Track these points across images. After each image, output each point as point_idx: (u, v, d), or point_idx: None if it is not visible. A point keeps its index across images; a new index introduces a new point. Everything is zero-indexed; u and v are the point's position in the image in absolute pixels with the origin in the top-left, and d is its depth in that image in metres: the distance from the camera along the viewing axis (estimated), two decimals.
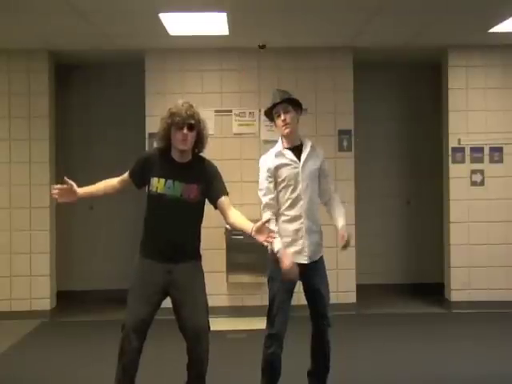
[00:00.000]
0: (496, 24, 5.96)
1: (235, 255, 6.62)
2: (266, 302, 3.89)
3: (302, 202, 3.87)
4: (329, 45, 6.79)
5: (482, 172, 6.93)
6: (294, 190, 3.88)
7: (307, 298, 3.95)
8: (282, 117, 3.89)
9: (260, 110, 6.87)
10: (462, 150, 6.94)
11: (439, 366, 4.97)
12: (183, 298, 3.55)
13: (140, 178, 3.66)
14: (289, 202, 3.89)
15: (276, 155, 3.94)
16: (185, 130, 3.52)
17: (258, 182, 4.00)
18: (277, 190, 3.90)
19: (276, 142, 4.06)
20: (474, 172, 6.94)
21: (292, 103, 3.93)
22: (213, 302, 3.79)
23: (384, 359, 4.29)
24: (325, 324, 3.90)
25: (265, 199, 3.90)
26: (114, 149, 7.68)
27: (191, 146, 3.61)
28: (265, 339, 3.88)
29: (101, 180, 3.82)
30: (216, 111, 6.86)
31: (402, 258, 7.98)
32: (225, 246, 6.66)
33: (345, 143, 6.91)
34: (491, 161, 6.94)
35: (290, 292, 3.88)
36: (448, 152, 6.99)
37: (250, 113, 6.89)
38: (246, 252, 6.57)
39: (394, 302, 7.16)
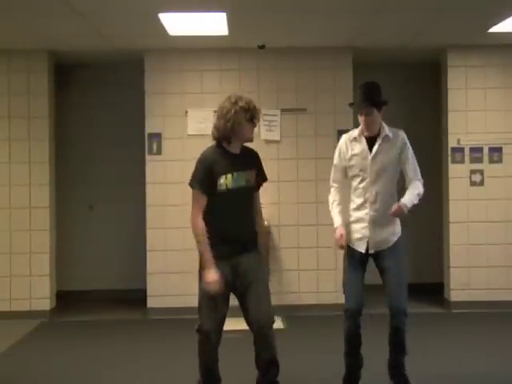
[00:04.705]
0: (495, 24, 5.97)
1: None
2: None
3: (368, 194, 3.98)
4: (329, 45, 6.80)
5: (481, 172, 6.94)
6: (362, 181, 4.00)
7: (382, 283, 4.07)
8: (363, 118, 4.02)
9: (259, 111, 6.87)
10: (462, 150, 6.95)
11: (439, 366, 4.97)
12: (247, 291, 3.67)
13: (209, 187, 3.70)
14: (357, 191, 4.03)
15: (351, 140, 4.10)
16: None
17: None
18: (348, 177, 4.07)
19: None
20: (473, 172, 6.94)
21: (374, 104, 3.98)
22: None
23: (383, 359, 4.30)
24: (394, 307, 3.98)
25: (331, 180, 4.18)
26: (114, 149, 7.69)
27: None
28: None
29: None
30: (215, 111, 6.78)
31: None
32: None
33: None
34: (490, 161, 6.94)
35: (356, 269, 4.04)
36: (447, 152, 6.99)
37: None
38: None
39: None
